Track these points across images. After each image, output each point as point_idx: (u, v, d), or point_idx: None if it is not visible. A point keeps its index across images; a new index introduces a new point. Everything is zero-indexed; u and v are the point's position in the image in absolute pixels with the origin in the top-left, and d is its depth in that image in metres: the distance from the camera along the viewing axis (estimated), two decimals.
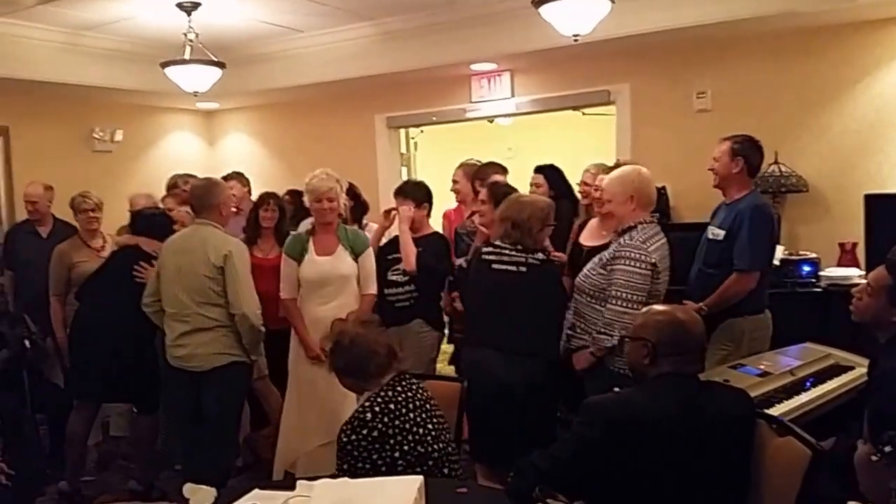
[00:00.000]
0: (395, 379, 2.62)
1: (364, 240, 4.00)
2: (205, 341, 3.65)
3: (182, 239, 3.77)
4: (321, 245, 3.87)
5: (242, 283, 3.62)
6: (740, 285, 3.53)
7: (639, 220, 3.25)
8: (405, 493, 1.98)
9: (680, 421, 2.14)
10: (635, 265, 3.12)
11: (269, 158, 7.13)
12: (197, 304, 3.64)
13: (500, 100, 5.96)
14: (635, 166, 3.47)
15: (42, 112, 5.91)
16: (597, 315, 3.23)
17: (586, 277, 3.32)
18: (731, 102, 5.09)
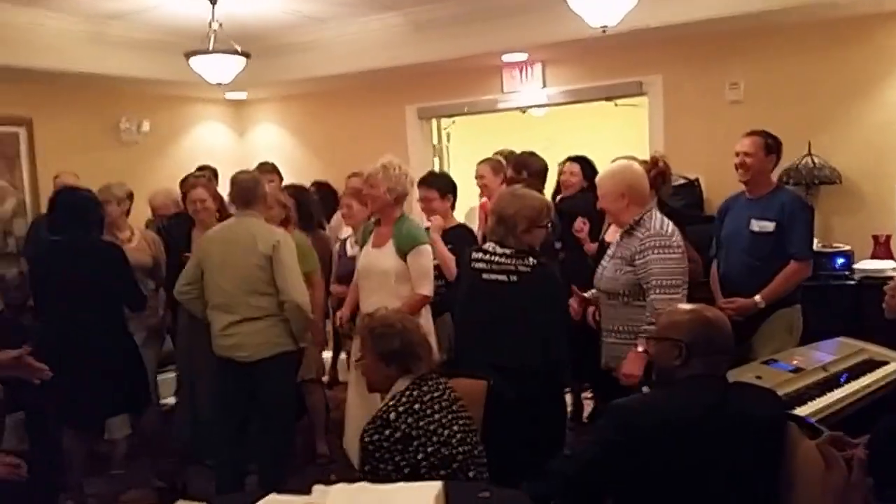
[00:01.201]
0: (420, 378, 2.56)
1: (412, 238, 3.70)
2: (253, 331, 3.66)
3: (227, 230, 3.78)
4: (378, 236, 3.78)
5: (292, 271, 3.64)
6: (799, 274, 3.59)
7: (638, 215, 3.21)
8: (423, 499, 1.93)
9: (709, 424, 2.07)
10: (666, 252, 3.10)
11: (298, 149, 7.11)
12: (245, 294, 3.65)
13: (532, 90, 5.88)
14: (628, 162, 3.42)
15: (67, 103, 5.88)
16: (637, 312, 3.16)
17: (614, 280, 3.22)
18: (764, 93, 5.00)
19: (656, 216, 3.24)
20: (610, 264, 3.30)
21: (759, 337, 3.59)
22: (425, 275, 3.66)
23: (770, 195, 3.67)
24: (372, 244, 3.78)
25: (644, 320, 3.12)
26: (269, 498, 2.20)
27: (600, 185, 3.35)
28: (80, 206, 3.96)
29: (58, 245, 3.88)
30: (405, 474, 2.37)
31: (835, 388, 2.99)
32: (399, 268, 3.65)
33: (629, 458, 2.03)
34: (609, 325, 3.32)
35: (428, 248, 3.72)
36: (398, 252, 3.66)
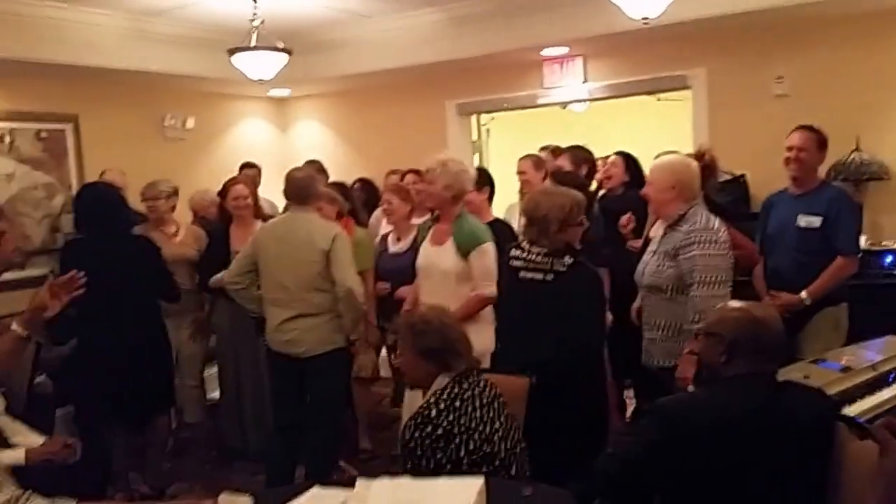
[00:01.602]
0: (461, 375, 2.54)
1: (474, 237, 3.57)
2: (309, 327, 3.70)
3: (284, 225, 3.81)
4: (437, 233, 3.70)
5: (348, 263, 3.68)
6: (846, 270, 3.54)
7: (684, 209, 3.17)
8: (465, 494, 1.92)
9: (754, 424, 2.03)
10: (711, 247, 3.06)
11: (340, 146, 7.15)
12: (303, 290, 3.68)
13: (573, 85, 5.82)
14: (685, 157, 3.39)
15: (112, 99, 5.93)
16: (680, 308, 3.12)
17: (657, 275, 3.19)
18: (811, 87, 4.90)
19: (702, 212, 3.20)
20: (653, 259, 3.27)
21: (806, 335, 3.54)
22: (489, 275, 3.50)
23: (816, 191, 3.62)
24: (430, 241, 3.71)
25: (687, 317, 3.08)
26: (312, 491, 2.23)
27: (652, 172, 3.33)
28: (102, 203, 3.95)
29: (79, 243, 3.90)
30: (447, 471, 2.36)
31: (883, 388, 2.91)
32: (460, 267, 3.55)
33: (672, 457, 2.00)
34: (650, 320, 3.28)
35: (491, 247, 3.58)
36: (459, 251, 3.56)
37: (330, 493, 2.19)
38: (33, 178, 5.54)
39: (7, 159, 5.39)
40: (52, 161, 5.65)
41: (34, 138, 5.56)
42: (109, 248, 3.79)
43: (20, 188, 5.46)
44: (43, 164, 5.60)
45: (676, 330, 3.18)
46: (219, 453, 4.72)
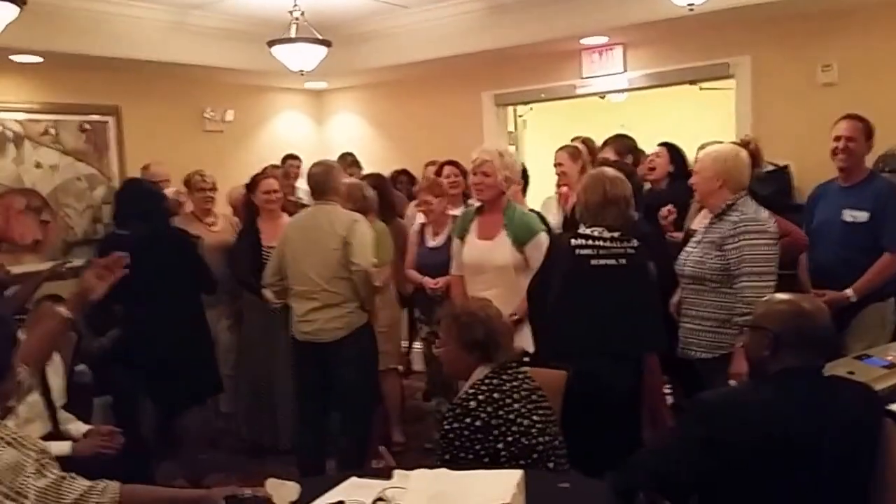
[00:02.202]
0: (500, 367, 2.53)
1: (531, 227, 3.55)
2: (333, 316, 3.77)
3: (308, 218, 3.90)
4: (484, 226, 3.66)
5: (365, 246, 3.74)
6: (893, 267, 3.43)
7: (731, 199, 3.11)
8: (503, 486, 1.90)
9: (801, 419, 1.97)
10: (760, 237, 3.01)
11: (377, 138, 7.14)
12: (325, 281, 3.74)
13: (613, 75, 5.73)
14: (735, 147, 3.32)
15: (152, 92, 5.99)
16: (724, 300, 3.07)
17: (701, 264, 3.13)
18: (859, 76, 4.73)
19: (749, 202, 3.13)
20: (698, 248, 3.20)
21: (851, 331, 3.46)
22: None
23: (864, 183, 3.53)
24: (478, 235, 3.65)
25: (731, 308, 3.03)
26: (350, 481, 2.24)
27: (700, 161, 3.28)
28: (143, 199, 4.08)
29: (119, 237, 3.97)
30: (484, 463, 2.35)
31: None
32: (518, 260, 3.51)
33: (714, 453, 1.95)
34: (690, 310, 3.22)
35: (546, 237, 3.56)
36: (515, 243, 3.52)
37: (367, 483, 2.19)
38: (76, 170, 5.62)
39: (51, 150, 5.48)
40: (94, 153, 5.72)
41: (77, 130, 5.63)
42: (149, 242, 3.86)
43: (63, 179, 5.53)
44: (85, 155, 5.68)
45: (719, 321, 3.12)
46: (252, 444, 4.75)
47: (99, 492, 1.87)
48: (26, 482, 1.76)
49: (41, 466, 1.82)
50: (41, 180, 5.41)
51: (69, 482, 1.85)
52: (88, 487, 1.86)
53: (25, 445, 1.83)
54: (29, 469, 1.77)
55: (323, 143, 7.28)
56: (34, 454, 1.82)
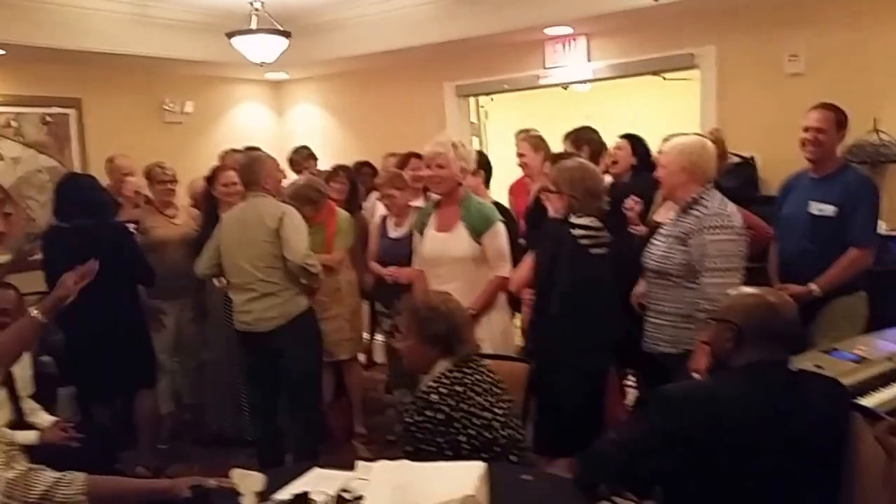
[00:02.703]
0: (462, 360, 2.50)
1: (487, 217, 3.53)
2: (271, 305, 3.75)
3: (240, 211, 3.87)
4: (442, 219, 3.61)
5: (295, 238, 3.68)
6: (859, 262, 3.36)
7: (697, 193, 3.06)
8: (467, 478, 1.87)
9: (766, 413, 1.96)
10: (723, 233, 2.96)
11: (337, 129, 7.08)
12: (259, 271, 3.73)
13: (576, 65, 5.71)
14: (701, 139, 3.26)
15: (113, 84, 5.97)
16: (688, 295, 3.03)
17: (666, 259, 3.09)
18: (827, 65, 4.72)
19: (716, 195, 3.09)
20: (662, 242, 3.16)
21: (817, 326, 3.37)
22: (503, 255, 3.50)
23: (834, 175, 3.44)
24: (437, 227, 3.61)
25: (695, 303, 3.00)
26: (313, 472, 2.23)
27: (665, 154, 3.22)
28: (83, 193, 4.04)
29: (59, 230, 4.00)
30: (447, 456, 2.32)
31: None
32: (476, 251, 3.49)
33: (677, 447, 1.94)
34: (655, 305, 3.20)
35: (503, 227, 3.55)
36: (472, 233, 3.49)
37: (331, 474, 2.18)
38: (38, 162, 5.63)
39: (13, 143, 5.50)
40: (55, 145, 5.73)
41: (39, 122, 5.64)
42: (88, 235, 3.86)
43: (25, 171, 5.56)
44: (47, 147, 5.69)
45: (682, 317, 3.09)
46: (216, 436, 4.72)
47: (66, 483, 1.90)
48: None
49: (9, 458, 1.88)
50: (3, 173, 5.43)
51: (36, 474, 1.88)
52: (56, 480, 1.89)
53: None
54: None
55: (283, 135, 7.23)
56: (3, 446, 1.88)
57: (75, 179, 4.35)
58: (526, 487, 2.13)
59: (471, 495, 1.79)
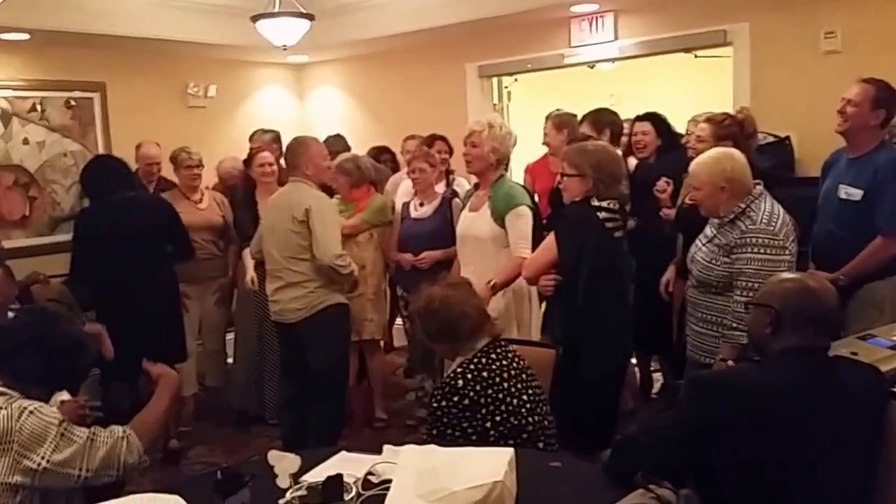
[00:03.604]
0: (489, 345, 2.47)
1: (510, 198, 3.46)
2: (294, 297, 3.69)
3: (279, 196, 3.87)
4: (476, 200, 3.64)
5: (323, 234, 3.60)
6: (886, 250, 3.20)
7: (745, 202, 2.88)
8: (495, 464, 1.84)
9: (805, 400, 1.90)
10: (766, 252, 2.79)
11: (358, 111, 7.03)
12: (286, 260, 3.69)
13: (603, 43, 5.58)
14: (728, 150, 3.04)
15: (137, 68, 5.96)
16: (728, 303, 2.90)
17: (709, 269, 2.95)
18: (864, 43, 4.55)
19: (765, 206, 2.88)
20: (706, 249, 3.01)
21: (847, 312, 3.18)
22: (524, 237, 3.41)
23: (867, 157, 3.28)
24: (469, 208, 3.65)
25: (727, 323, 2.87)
26: (339, 455, 2.23)
27: (695, 175, 3.02)
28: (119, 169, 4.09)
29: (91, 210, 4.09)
30: (472, 442, 2.31)
31: None
32: (496, 232, 3.45)
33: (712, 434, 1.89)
34: (699, 312, 3.06)
35: (528, 210, 3.48)
36: (494, 215, 3.46)
37: (357, 457, 2.18)
38: (63, 146, 5.63)
39: (38, 127, 5.50)
40: (79, 129, 5.73)
41: (63, 107, 5.64)
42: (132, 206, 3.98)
43: (50, 156, 5.56)
44: (71, 131, 5.69)
45: (721, 326, 2.94)
46: (239, 416, 4.77)
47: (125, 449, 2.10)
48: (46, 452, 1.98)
49: (64, 430, 2.03)
50: (28, 157, 5.45)
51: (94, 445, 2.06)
52: (112, 443, 2.09)
53: (46, 415, 2.03)
54: (51, 436, 1.99)
55: (304, 118, 7.20)
56: (55, 423, 2.02)
57: (106, 159, 4.42)
58: (555, 475, 2.08)
59: (499, 481, 1.76)
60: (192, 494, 1.85)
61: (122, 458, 2.09)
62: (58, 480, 2.02)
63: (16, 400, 2.05)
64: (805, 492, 1.86)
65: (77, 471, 2.02)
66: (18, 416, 2.00)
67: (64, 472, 2.01)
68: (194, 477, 2.15)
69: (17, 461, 1.98)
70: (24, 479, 1.99)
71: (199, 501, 1.78)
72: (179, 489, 1.93)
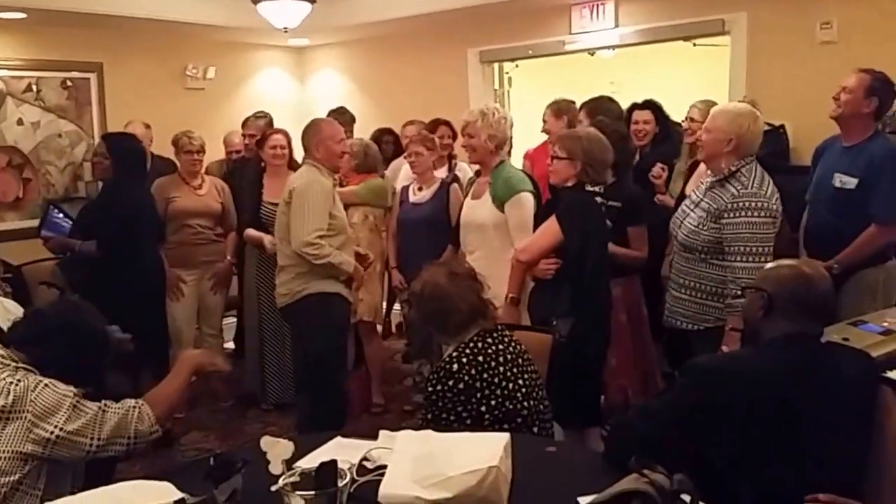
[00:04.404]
0: (485, 330, 2.48)
1: (511, 185, 3.45)
2: (282, 280, 3.68)
3: (292, 175, 3.82)
4: (478, 186, 3.65)
5: (295, 217, 3.51)
6: (880, 239, 3.24)
7: (737, 164, 2.94)
8: (491, 449, 1.85)
9: (799, 386, 1.93)
10: (758, 215, 2.85)
11: (359, 96, 7.00)
12: (280, 241, 3.70)
13: (603, 30, 5.58)
14: (752, 110, 3.08)
15: (135, 49, 5.90)
16: (713, 271, 2.97)
17: (695, 234, 3.00)
18: (860, 34, 4.57)
19: (756, 172, 2.95)
20: (693, 214, 3.06)
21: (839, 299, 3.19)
22: (523, 227, 3.39)
23: (862, 145, 3.32)
24: (472, 196, 3.65)
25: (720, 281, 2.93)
26: (335, 441, 2.22)
27: (712, 118, 3.06)
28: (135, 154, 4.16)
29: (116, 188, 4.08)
30: (467, 426, 2.32)
31: None
32: (497, 219, 3.45)
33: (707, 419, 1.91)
34: (680, 278, 3.12)
35: (529, 197, 3.47)
36: (495, 201, 3.46)
37: (353, 443, 2.17)
38: (58, 127, 5.59)
39: (33, 108, 5.45)
40: (75, 110, 5.69)
41: (59, 87, 5.60)
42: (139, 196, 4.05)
43: (45, 136, 5.52)
44: (67, 112, 5.65)
45: (704, 293, 3.02)
46: (235, 402, 4.78)
47: (138, 418, 2.14)
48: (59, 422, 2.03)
49: (77, 402, 2.07)
50: (23, 137, 5.40)
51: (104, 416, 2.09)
52: (123, 413, 2.12)
53: (60, 389, 2.08)
54: (64, 408, 2.04)
55: (304, 101, 7.16)
56: (70, 395, 2.07)
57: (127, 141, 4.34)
58: (551, 460, 2.11)
59: (495, 466, 1.77)
60: (183, 481, 1.83)
61: (133, 425, 2.12)
62: (69, 450, 2.05)
63: (34, 375, 2.10)
64: (798, 476, 1.89)
65: (89, 440, 2.06)
66: (34, 388, 2.05)
67: (76, 441, 2.05)
68: (186, 464, 2.12)
69: (30, 430, 2.01)
70: (36, 449, 2.02)
71: (191, 488, 1.76)
72: (170, 476, 1.91)
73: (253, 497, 1.83)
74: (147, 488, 1.82)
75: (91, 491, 1.83)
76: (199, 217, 4.57)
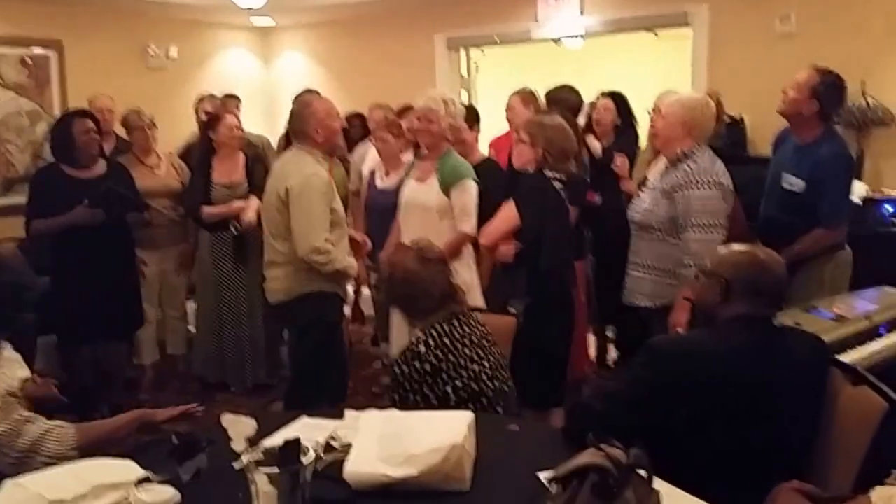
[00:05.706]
0: (452, 314, 2.51)
1: (458, 172, 3.50)
2: (275, 276, 3.45)
3: (279, 163, 3.51)
4: (421, 170, 3.67)
5: (298, 222, 3.26)
6: (826, 240, 3.33)
7: (689, 148, 3.08)
8: (454, 428, 1.88)
9: (748, 366, 1.99)
10: (709, 188, 2.99)
11: (325, 79, 6.97)
12: (271, 236, 3.42)
13: (569, 19, 5.64)
14: (705, 97, 3.27)
15: (96, 26, 5.81)
16: (669, 249, 3.07)
17: (650, 212, 3.12)
18: (817, 27, 4.71)
19: (706, 153, 3.10)
20: (649, 195, 3.19)
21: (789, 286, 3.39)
22: (468, 212, 3.48)
23: (811, 146, 3.32)
24: (415, 178, 3.68)
25: (676, 258, 3.04)
26: (301, 420, 2.22)
27: (668, 106, 3.23)
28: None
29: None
30: (433, 407, 2.35)
31: (875, 338, 2.90)
32: (442, 203, 3.50)
33: (662, 398, 1.97)
34: (637, 258, 3.24)
35: (472, 184, 3.53)
36: (442, 185, 3.51)
37: (318, 423, 2.17)
38: (17, 105, 5.51)
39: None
40: (35, 88, 5.61)
41: (19, 64, 5.51)
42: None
43: (4, 114, 5.43)
44: (27, 90, 5.56)
45: (662, 271, 3.13)
46: (201, 386, 4.72)
47: (56, 438, 1.94)
48: None
49: (5, 405, 1.93)
50: None
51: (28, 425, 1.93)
52: (45, 431, 1.94)
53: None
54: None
55: (269, 83, 7.12)
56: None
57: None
58: (513, 438, 2.15)
59: (458, 444, 1.80)
60: (146, 460, 1.79)
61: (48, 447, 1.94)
62: None
63: None
64: (751, 452, 1.96)
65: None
66: None
67: None
68: (149, 442, 2.09)
69: None
70: None
71: (154, 466, 1.73)
72: (133, 455, 1.86)
73: (217, 475, 1.83)
74: (110, 467, 1.78)
75: (53, 469, 1.80)
76: (159, 197, 4.43)
